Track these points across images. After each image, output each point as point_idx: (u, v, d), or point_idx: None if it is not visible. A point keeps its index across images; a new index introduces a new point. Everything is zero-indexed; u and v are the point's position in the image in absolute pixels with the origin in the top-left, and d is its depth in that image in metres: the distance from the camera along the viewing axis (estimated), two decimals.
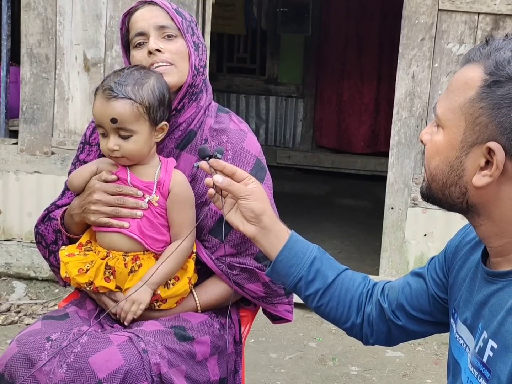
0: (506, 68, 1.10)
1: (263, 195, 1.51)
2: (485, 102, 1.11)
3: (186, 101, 1.79)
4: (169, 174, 1.73)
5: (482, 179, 1.13)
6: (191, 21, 1.81)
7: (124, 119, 1.64)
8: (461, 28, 3.56)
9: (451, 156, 1.17)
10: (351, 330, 1.56)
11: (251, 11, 7.43)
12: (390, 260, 3.78)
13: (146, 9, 1.77)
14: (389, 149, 3.74)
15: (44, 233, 1.89)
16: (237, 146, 1.83)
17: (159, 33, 1.75)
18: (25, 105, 3.88)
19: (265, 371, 3.18)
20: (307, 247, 1.52)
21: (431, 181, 1.22)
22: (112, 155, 1.69)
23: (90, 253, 1.75)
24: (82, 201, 1.75)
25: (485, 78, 1.12)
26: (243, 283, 1.83)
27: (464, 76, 1.16)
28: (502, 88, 1.10)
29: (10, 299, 3.84)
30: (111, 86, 1.64)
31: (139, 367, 1.54)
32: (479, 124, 1.12)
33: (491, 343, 1.14)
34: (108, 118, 1.64)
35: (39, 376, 1.54)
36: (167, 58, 1.74)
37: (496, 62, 1.11)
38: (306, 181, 6.96)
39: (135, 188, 1.72)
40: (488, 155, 1.12)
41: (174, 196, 1.72)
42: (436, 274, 1.45)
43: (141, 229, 1.71)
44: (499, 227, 1.17)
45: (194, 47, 1.78)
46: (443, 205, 1.24)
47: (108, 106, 1.63)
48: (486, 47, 1.15)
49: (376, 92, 6.98)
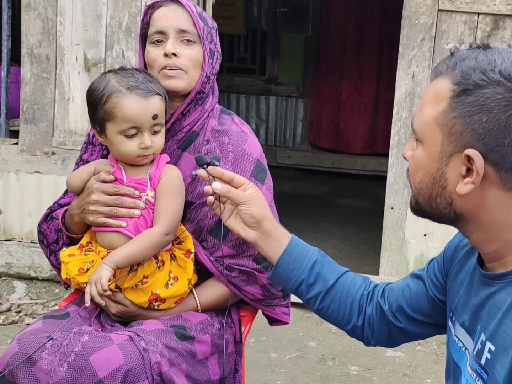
0: (472, 76, 1.12)
1: (262, 199, 1.52)
2: (456, 112, 1.13)
3: (192, 106, 1.81)
4: (160, 169, 1.75)
5: (465, 187, 1.14)
6: (212, 27, 1.82)
7: (161, 113, 1.71)
8: (461, 28, 3.57)
9: (432, 168, 1.19)
10: (352, 332, 1.57)
11: (251, 11, 7.43)
12: (390, 260, 3.79)
13: (171, 9, 1.77)
14: (389, 149, 3.74)
15: (46, 232, 1.90)
16: (238, 148, 1.84)
17: (179, 36, 1.75)
18: (26, 105, 3.88)
19: (265, 371, 3.18)
20: (307, 251, 1.52)
21: (418, 195, 1.24)
22: (146, 153, 1.70)
23: (90, 253, 1.76)
24: (81, 201, 1.76)
25: (453, 89, 1.14)
26: (241, 285, 1.83)
27: (434, 90, 1.18)
28: (471, 96, 1.12)
29: (11, 299, 3.84)
30: (137, 86, 1.66)
31: (139, 366, 1.55)
32: (454, 133, 1.14)
33: (488, 345, 1.14)
34: (150, 115, 1.67)
35: (40, 375, 1.54)
36: (181, 64, 1.75)
37: (462, 72, 1.13)
38: (306, 181, 6.95)
39: (132, 188, 1.73)
40: (468, 163, 1.13)
41: (161, 187, 1.74)
42: (435, 276, 1.46)
43: (137, 228, 1.72)
44: (489, 233, 1.18)
45: (209, 55, 1.79)
46: (433, 218, 1.25)
47: (148, 104, 1.66)
48: (451, 59, 1.17)
49: (375, 92, 6.98)
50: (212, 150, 1.82)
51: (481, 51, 1.15)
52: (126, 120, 1.66)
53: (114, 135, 1.70)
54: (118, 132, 1.68)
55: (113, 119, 1.67)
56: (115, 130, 1.69)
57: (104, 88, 1.68)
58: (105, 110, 1.67)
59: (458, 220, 1.21)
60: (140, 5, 3.73)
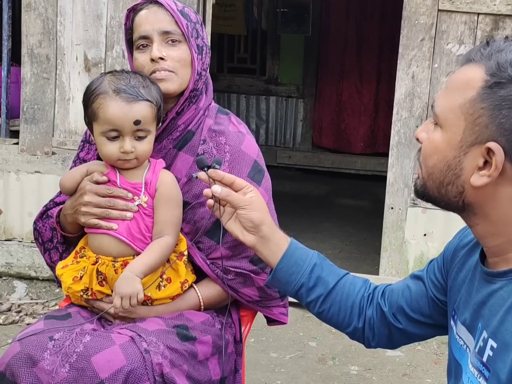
0: (508, 70, 1.10)
1: (262, 204, 1.51)
2: (486, 103, 1.12)
3: (186, 104, 1.80)
4: (156, 174, 1.74)
5: (480, 179, 1.14)
6: (196, 22, 1.79)
7: (146, 120, 1.67)
8: (461, 28, 3.57)
9: (449, 155, 1.17)
10: (353, 334, 1.57)
11: (251, 11, 7.43)
12: (390, 260, 3.79)
13: (151, 11, 1.75)
14: (389, 149, 3.74)
15: (42, 230, 1.90)
16: (235, 148, 1.83)
17: (163, 38, 1.74)
18: (26, 105, 3.89)
19: (266, 371, 3.18)
20: (306, 254, 1.52)
21: (427, 179, 1.22)
22: (126, 157, 1.69)
23: (82, 259, 1.76)
24: (74, 202, 1.76)
25: (486, 79, 1.12)
26: (238, 287, 1.83)
27: (465, 76, 1.16)
28: (504, 90, 1.10)
29: (11, 299, 3.84)
30: (125, 89, 1.65)
31: (141, 367, 1.55)
32: (479, 124, 1.13)
33: (490, 342, 1.14)
34: (131, 121, 1.65)
35: (42, 376, 1.54)
36: (169, 66, 1.73)
37: (498, 64, 1.12)
38: (306, 181, 6.96)
39: (125, 190, 1.73)
40: (487, 156, 1.12)
41: (160, 195, 1.73)
42: (435, 277, 1.46)
43: (130, 231, 1.72)
44: (495, 227, 1.18)
45: (197, 51, 1.77)
46: (438, 203, 1.24)
47: (131, 109, 1.65)
48: (487, 48, 1.15)
49: (375, 92, 6.98)
50: (209, 150, 1.81)
51: None
52: (107, 122, 1.67)
53: (98, 136, 1.71)
54: (100, 133, 1.69)
55: (97, 119, 1.68)
56: (98, 131, 1.70)
57: (95, 88, 1.69)
58: (91, 109, 1.69)
59: (465, 209, 1.20)
60: None
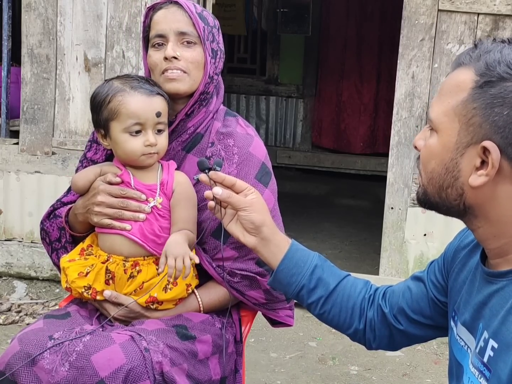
0: (496, 68, 1.11)
1: (262, 206, 1.51)
2: (477, 103, 1.13)
3: (196, 107, 1.81)
4: (171, 175, 1.76)
5: (478, 179, 1.14)
6: (214, 26, 1.82)
7: (164, 113, 1.73)
8: (461, 28, 3.57)
9: (446, 158, 1.18)
10: (354, 335, 1.57)
11: (251, 11, 7.44)
12: (390, 260, 3.79)
13: (170, 11, 1.77)
14: (389, 149, 3.74)
15: (49, 230, 1.90)
16: (243, 150, 1.84)
17: (179, 38, 1.76)
18: (26, 105, 3.89)
19: (266, 371, 3.19)
20: (307, 256, 1.52)
21: (427, 185, 1.23)
22: (150, 151, 1.71)
23: (90, 257, 1.76)
24: (86, 201, 1.76)
25: (476, 80, 1.13)
26: (244, 290, 1.83)
27: (456, 79, 1.17)
28: (494, 88, 1.11)
29: (11, 298, 3.84)
30: (140, 86, 1.71)
31: (141, 365, 1.55)
32: (473, 124, 1.13)
33: (491, 342, 1.14)
34: (153, 112, 1.70)
35: (41, 375, 1.54)
36: (182, 66, 1.75)
37: (486, 64, 1.13)
38: (306, 181, 6.96)
39: (139, 192, 1.74)
40: (483, 155, 1.13)
41: (179, 195, 1.74)
42: (435, 278, 1.46)
43: (143, 232, 1.72)
44: (497, 228, 1.18)
45: (211, 55, 1.79)
46: (440, 209, 1.24)
47: (152, 101, 1.70)
48: (475, 51, 1.17)
49: (375, 92, 6.98)
50: (217, 152, 1.82)
51: (506, 45, 1.15)
52: (130, 116, 1.69)
53: (119, 134, 1.71)
54: (122, 130, 1.70)
55: (118, 117, 1.70)
56: (119, 128, 1.71)
57: (107, 90, 1.72)
58: (109, 109, 1.70)
59: (466, 213, 1.20)
60: (140, 5, 3.74)
